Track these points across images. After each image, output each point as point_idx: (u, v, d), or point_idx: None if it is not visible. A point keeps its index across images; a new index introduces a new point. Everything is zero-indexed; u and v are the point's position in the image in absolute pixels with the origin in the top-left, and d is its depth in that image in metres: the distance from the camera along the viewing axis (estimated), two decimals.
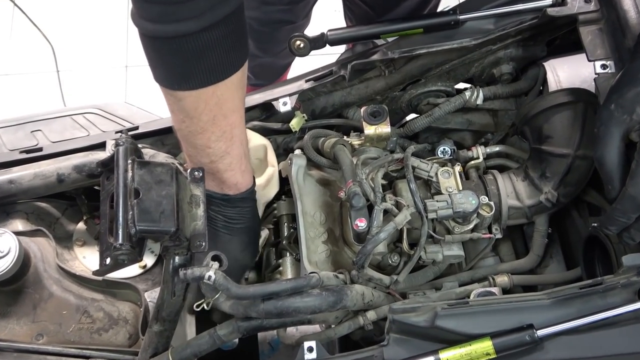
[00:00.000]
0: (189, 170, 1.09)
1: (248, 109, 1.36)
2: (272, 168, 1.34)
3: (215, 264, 1.04)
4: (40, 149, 1.36)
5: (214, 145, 1.10)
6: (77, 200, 1.40)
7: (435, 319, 1.00)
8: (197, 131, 1.08)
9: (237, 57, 1.04)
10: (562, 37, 1.39)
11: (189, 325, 1.24)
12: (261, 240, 1.32)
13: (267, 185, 1.32)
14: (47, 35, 2.86)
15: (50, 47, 2.84)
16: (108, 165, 1.08)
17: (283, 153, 1.41)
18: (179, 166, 1.10)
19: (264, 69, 2.18)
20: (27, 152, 1.37)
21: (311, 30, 1.54)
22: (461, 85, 1.46)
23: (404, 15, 1.77)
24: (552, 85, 1.38)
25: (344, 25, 1.97)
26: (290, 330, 1.30)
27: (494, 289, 1.20)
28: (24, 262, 1.26)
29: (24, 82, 2.78)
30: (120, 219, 0.98)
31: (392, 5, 1.77)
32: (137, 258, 1.00)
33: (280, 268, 1.30)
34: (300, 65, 1.79)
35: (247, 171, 1.19)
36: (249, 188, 1.20)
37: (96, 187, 1.42)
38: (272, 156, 1.36)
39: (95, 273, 1.03)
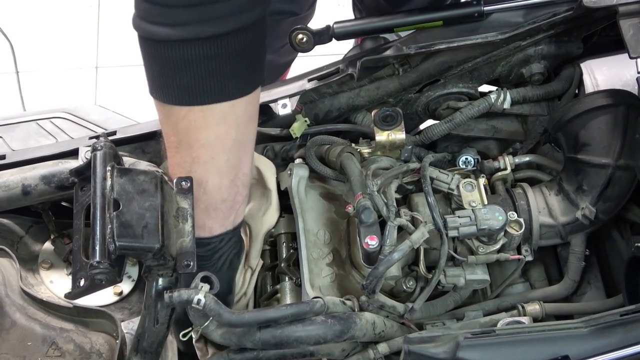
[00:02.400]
0: (175, 180, 1.11)
1: None
2: (271, 191, 1.35)
3: (206, 286, 1.06)
4: (3, 157, 1.38)
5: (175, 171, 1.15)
6: (44, 216, 1.43)
7: (457, 350, 1.02)
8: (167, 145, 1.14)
9: (230, 86, 1.05)
10: (601, 33, 1.43)
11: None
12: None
13: (266, 212, 1.34)
14: (6, 31, 2.90)
15: (9, 45, 2.87)
16: (83, 174, 1.11)
17: (282, 163, 1.44)
18: (164, 175, 1.12)
19: None
20: None
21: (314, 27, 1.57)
22: (486, 87, 1.50)
23: (421, 5, 1.80)
24: (589, 89, 1.42)
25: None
26: None
27: (524, 319, 1.22)
28: None
29: None
30: (98, 233, 1.01)
31: None
32: (116, 278, 1.03)
33: (278, 294, 1.32)
34: (300, 66, 1.82)
35: (218, 219, 1.16)
36: (220, 234, 1.17)
37: (64, 203, 1.45)
38: (271, 178, 1.36)
39: (67, 296, 1.05)
